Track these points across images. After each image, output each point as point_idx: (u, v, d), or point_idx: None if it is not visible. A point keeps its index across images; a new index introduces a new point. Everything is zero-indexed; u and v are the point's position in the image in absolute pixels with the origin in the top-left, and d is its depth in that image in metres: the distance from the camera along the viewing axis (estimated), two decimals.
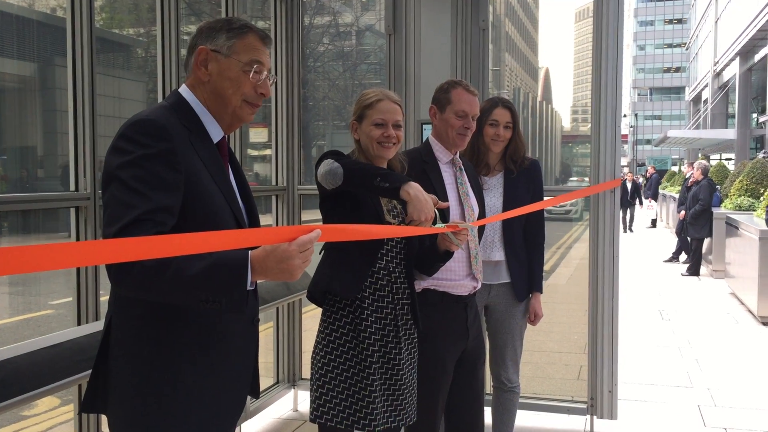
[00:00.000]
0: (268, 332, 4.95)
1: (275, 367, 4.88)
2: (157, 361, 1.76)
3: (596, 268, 4.23)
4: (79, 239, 3.02)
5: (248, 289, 1.66)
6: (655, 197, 23.23)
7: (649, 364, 6.29)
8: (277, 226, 4.70)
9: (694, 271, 11.73)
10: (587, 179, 4.38)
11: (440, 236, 2.62)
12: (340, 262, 2.58)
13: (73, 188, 3.05)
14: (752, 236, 8.32)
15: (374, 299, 2.60)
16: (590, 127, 4.27)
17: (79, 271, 3.04)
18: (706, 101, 41.46)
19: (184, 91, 1.91)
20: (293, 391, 4.90)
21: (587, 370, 4.35)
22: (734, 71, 31.63)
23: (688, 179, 12.95)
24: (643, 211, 22.43)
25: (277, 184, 4.81)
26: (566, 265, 12.11)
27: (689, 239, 12.07)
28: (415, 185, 2.44)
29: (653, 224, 21.98)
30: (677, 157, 59.89)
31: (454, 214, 2.88)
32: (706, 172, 11.75)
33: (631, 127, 72.68)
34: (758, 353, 6.72)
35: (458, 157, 3.04)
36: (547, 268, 10.75)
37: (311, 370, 2.67)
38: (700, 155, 31.29)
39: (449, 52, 4.36)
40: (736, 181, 11.92)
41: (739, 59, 30.32)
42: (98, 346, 1.85)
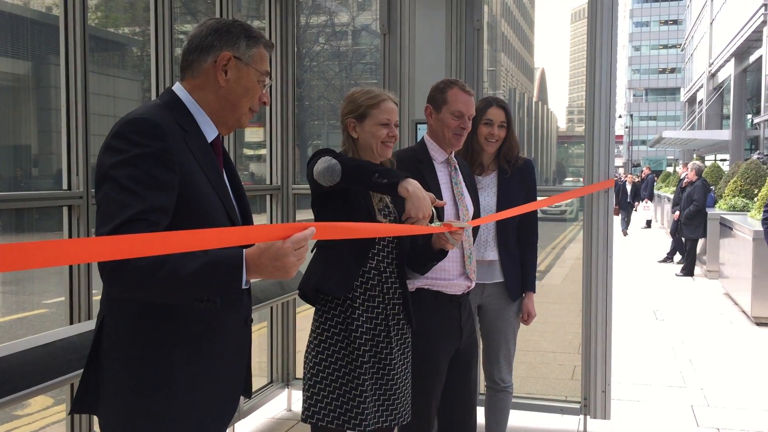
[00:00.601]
0: (261, 332, 4.94)
1: (269, 366, 4.87)
2: (149, 361, 1.76)
3: (590, 268, 4.24)
4: (71, 238, 3.02)
5: (243, 287, 1.66)
6: (650, 198, 23.27)
7: (642, 364, 6.30)
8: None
9: (688, 271, 11.76)
10: (581, 180, 4.39)
11: (435, 235, 2.61)
12: (331, 260, 2.57)
13: (65, 187, 3.04)
14: (746, 237, 8.35)
15: (365, 299, 2.59)
16: (584, 127, 4.28)
17: (71, 270, 3.03)
18: (701, 102, 41.58)
19: (177, 89, 1.90)
20: (287, 390, 4.90)
21: (581, 370, 4.36)
22: (729, 72, 31.74)
23: (682, 180, 12.98)
24: (638, 212, 22.24)
25: (271, 183, 4.80)
26: (561, 265, 12.12)
27: (683, 240, 12.10)
28: (413, 182, 2.43)
29: (648, 225, 22.02)
30: (672, 157, 60.09)
31: (448, 213, 2.88)
32: (700, 172, 11.78)
33: (626, 127, 72.83)
34: (751, 354, 6.74)
35: (453, 156, 3.04)
36: (541, 268, 10.76)
37: (304, 370, 2.67)
38: (695, 156, 31.37)
39: (444, 51, 4.37)
40: (730, 181, 11.95)
41: (734, 60, 30.42)
42: (90, 345, 1.85)
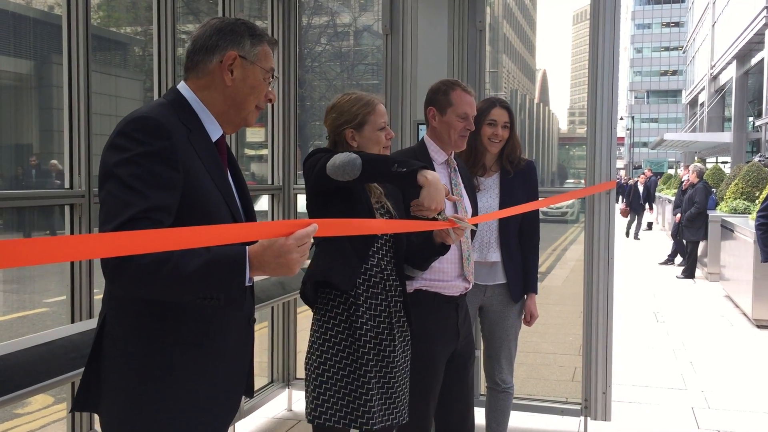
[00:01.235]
0: (262, 332, 4.94)
1: (269, 366, 4.88)
2: (151, 359, 1.75)
3: (591, 269, 4.24)
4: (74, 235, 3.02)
5: (246, 284, 1.66)
6: (652, 200, 23.26)
7: (643, 366, 6.30)
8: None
9: (689, 273, 11.75)
10: (583, 182, 4.39)
11: (437, 230, 2.61)
12: (335, 254, 2.54)
13: (67, 186, 3.05)
14: (747, 239, 8.34)
15: (368, 296, 2.58)
16: (586, 129, 4.28)
17: (72, 268, 3.04)
18: (702, 104, 41.55)
19: (182, 88, 1.90)
20: (287, 390, 4.90)
21: (581, 371, 4.35)
22: (731, 75, 31.72)
23: (683, 182, 12.98)
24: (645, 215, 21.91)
25: (273, 183, 4.80)
26: (562, 266, 12.13)
27: (684, 242, 12.09)
28: (432, 172, 2.38)
29: (649, 227, 22.01)
30: (673, 160, 60.03)
31: (448, 212, 2.87)
32: (701, 175, 11.78)
33: (627, 129, 72.78)
34: (752, 356, 6.73)
35: (453, 158, 3.04)
36: (542, 269, 10.76)
37: (306, 370, 2.65)
38: (696, 158, 31.36)
39: (446, 52, 4.37)
40: (731, 184, 11.95)
41: (735, 63, 30.40)
42: (92, 343, 1.85)
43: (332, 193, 2.53)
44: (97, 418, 2.00)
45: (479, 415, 3.28)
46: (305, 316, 4.97)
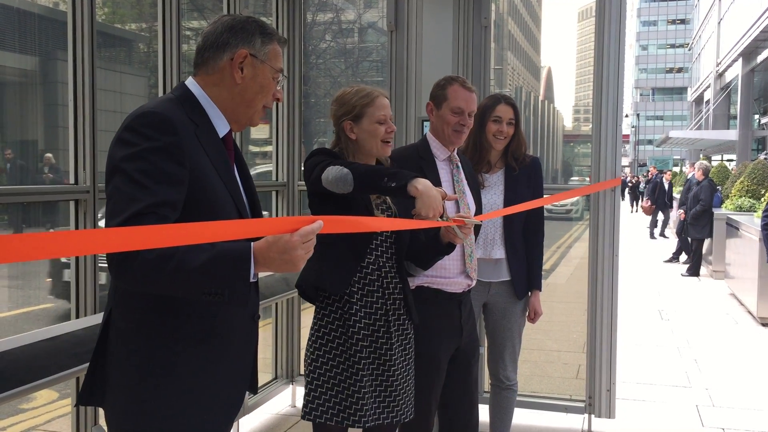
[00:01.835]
0: (266, 328, 4.95)
1: (273, 362, 4.88)
2: (155, 354, 1.76)
3: (596, 267, 4.23)
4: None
5: (251, 281, 1.66)
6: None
7: (647, 363, 6.29)
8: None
9: (694, 271, 11.73)
10: (588, 179, 4.38)
11: (444, 229, 2.60)
12: (328, 257, 2.54)
13: (72, 181, 3.05)
14: (752, 237, 8.32)
15: (363, 294, 2.59)
16: (591, 126, 4.27)
17: (78, 263, 3.04)
18: (708, 102, 41.44)
19: (191, 84, 1.90)
20: (291, 386, 4.90)
21: (586, 369, 4.35)
22: (737, 72, 31.61)
23: (689, 180, 12.95)
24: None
25: (277, 180, 4.81)
26: (566, 264, 12.11)
27: (689, 239, 12.07)
28: (423, 181, 2.39)
29: (654, 225, 21.95)
30: (679, 157, 59.90)
31: (450, 211, 2.86)
32: (707, 172, 11.75)
33: (632, 127, 72.67)
34: (757, 354, 6.72)
35: (456, 154, 3.03)
36: (547, 267, 10.76)
37: (304, 366, 2.67)
38: (701, 156, 31.28)
39: (451, 49, 4.36)
40: (737, 182, 11.92)
41: (741, 60, 30.29)
42: (96, 338, 1.85)
43: (327, 194, 2.53)
44: (101, 413, 2.01)
45: (483, 412, 3.28)
46: (309, 312, 4.97)
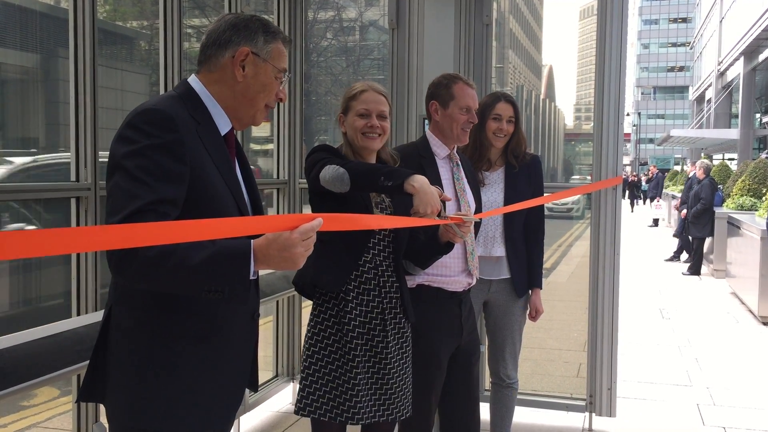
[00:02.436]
0: (267, 326, 4.95)
1: (274, 360, 4.89)
2: (155, 351, 1.76)
3: (597, 265, 4.23)
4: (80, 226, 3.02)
5: (251, 278, 1.66)
6: (661, 196, 23.19)
7: (648, 362, 6.29)
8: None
9: (695, 270, 11.72)
10: (589, 178, 4.38)
11: (443, 228, 2.61)
12: (325, 255, 2.54)
13: (74, 179, 3.05)
14: (754, 236, 8.32)
15: (359, 292, 2.60)
16: (593, 125, 4.27)
17: (78, 261, 3.04)
18: (709, 101, 41.39)
19: (193, 81, 1.89)
20: (292, 384, 4.90)
21: (587, 367, 4.35)
22: (738, 71, 31.57)
23: (690, 179, 12.93)
24: (649, 209, 21.51)
25: (278, 178, 4.81)
26: (567, 262, 12.10)
27: (690, 238, 12.06)
28: (420, 178, 2.42)
29: (655, 223, 21.95)
30: (680, 156, 59.85)
31: (450, 209, 2.87)
32: (708, 171, 11.73)
33: (634, 125, 72.59)
34: (758, 353, 6.72)
35: (455, 152, 3.03)
36: (547, 265, 10.74)
37: (300, 362, 2.68)
38: (702, 155, 31.25)
39: (452, 47, 4.35)
40: (738, 180, 11.91)
41: (743, 59, 30.25)
42: (97, 334, 1.85)
43: (329, 191, 2.54)
44: (102, 410, 2.01)
45: (483, 410, 3.28)
46: (310, 310, 4.99)
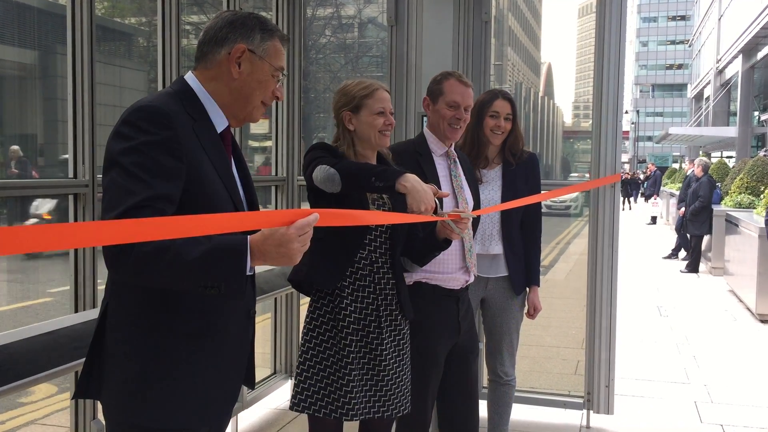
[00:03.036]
0: (265, 323, 4.95)
1: (272, 357, 4.88)
2: (152, 347, 1.76)
3: (595, 263, 4.23)
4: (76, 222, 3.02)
5: (247, 274, 1.66)
6: (658, 194, 23.22)
7: (646, 360, 6.29)
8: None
9: (693, 268, 11.74)
10: (588, 175, 4.38)
11: (440, 225, 2.61)
12: (319, 252, 2.53)
13: (71, 175, 3.05)
14: (752, 234, 8.32)
15: (354, 289, 2.60)
16: (591, 122, 4.27)
17: (76, 258, 3.04)
18: (708, 98, 41.40)
19: (190, 78, 1.89)
20: (290, 381, 4.90)
21: (584, 365, 4.36)
22: (737, 69, 31.58)
23: (688, 176, 12.93)
24: (648, 207, 21.55)
25: (277, 174, 4.80)
26: (565, 260, 12.12)
27: (689, 236, 12.07)
28: (411, 176, 2.42)
29: (653, 221, 21.98)
30: (678, 154, 59.87)
31: (448, 206, 2.86)
32: (706, 169, 11.74)
33: (632, 123, 72.58)
34: (756, 350, 6.73)
35: (453, 149, 3.03)
36: (546, 263, 10.76)
37: (297, 358, 2.70)
38: (701, 152, 31.27)
39: (451, 44, 4.35)
40: (736, 178, 11.92)
41: (741, 57, 30.26)
42: (94, 331, 1.85)
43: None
44: (100, 407, 2.01)
45: (481, 407, 3.29)
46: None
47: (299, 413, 2.65)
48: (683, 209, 12.11)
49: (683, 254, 12.89)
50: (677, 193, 15.14)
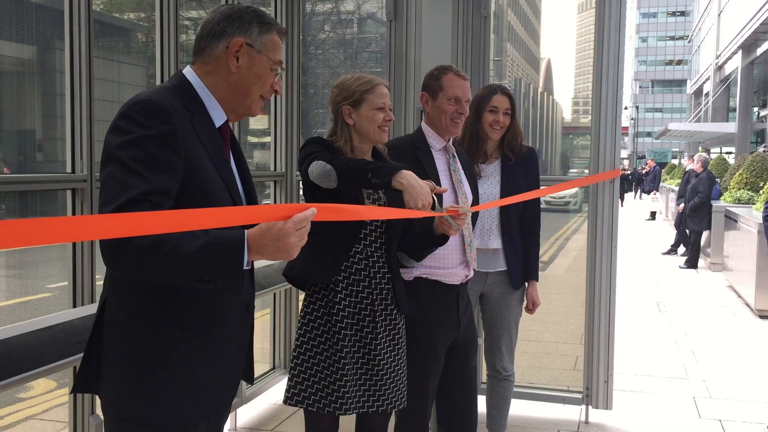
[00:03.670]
0: (264, 318, 4.95)
1: (271, 353, 4.89)
2: (150, 342, 1.76)
3: (594, 259, 4.23)
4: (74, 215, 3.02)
5: (245, 268, 1.66)
6: (658, 189, 23.22)
7: (645, 355, 6.30)
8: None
9: (692, 263, 11.74)
10: (587, 171, 4.38)
11: (438, 220, 2.60)
12: (314, 247, 2.49)
13: (69, 170, 3.05)
14: (751, 229, 8.32)
15: (348, 283, 2.60)
16: (591, 118, 4.27)
17: (74, 252, 3.04)
18: (707, 94, 41.39)
19: (188, 73, 1.89)
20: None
21: (583, 360, 4.36)
22: (736, 64, 31.58)
23: (688, 172, 12.93)
24: (644, 203, 21.62)
25: (275, 170, 4.80)
26: (564, 256, 12.12)
27: (688, 232, 12.08)
28: (407, 173, 2.41)
29: (652, 216, 21.99)
30: (677, 150, 59.86)
31: (447, 201, 2.86)
32: (705, 164, 11.74)
33: (632, 119, 72.61)
34: (754, 346, 6.73)
35: (451, 144, 3.03)
36: (545, 258, 10.76)
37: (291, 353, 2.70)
38: (700, 148, 31.27)
39: (450, 40, 4.34)
40: (735, 174, 11.92)
41: (741, 53, 30.25)
42: (92, 327, 1.85)
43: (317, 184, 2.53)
44: (98, 402, 2.01)
45: (480, 402, 3.29)
46: None
47: (291, 406, 2.65)
48: (682, 205, 12.11)
49: (682, 250, 12.90)
50: (676, 188, 15.15)
